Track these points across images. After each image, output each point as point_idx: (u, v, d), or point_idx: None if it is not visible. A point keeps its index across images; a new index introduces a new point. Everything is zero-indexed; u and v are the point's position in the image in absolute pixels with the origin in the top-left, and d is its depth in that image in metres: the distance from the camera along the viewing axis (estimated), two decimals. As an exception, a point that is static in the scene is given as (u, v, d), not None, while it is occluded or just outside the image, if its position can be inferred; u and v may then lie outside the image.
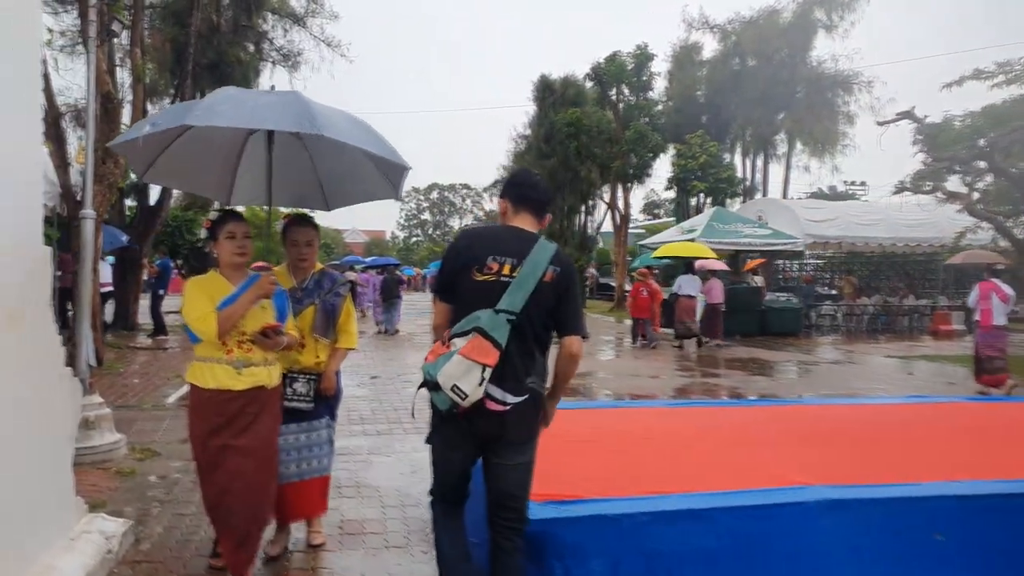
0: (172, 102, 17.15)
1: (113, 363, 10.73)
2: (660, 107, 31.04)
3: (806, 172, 29.78)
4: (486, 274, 2.79)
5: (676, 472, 3.83)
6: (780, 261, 24.48)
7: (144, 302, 16.52)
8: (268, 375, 3.51)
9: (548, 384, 3.01)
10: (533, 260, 2.79)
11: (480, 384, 2.66)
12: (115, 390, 8.89)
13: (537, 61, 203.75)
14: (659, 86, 31.52)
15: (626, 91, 29.66)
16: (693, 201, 28.19)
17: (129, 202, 18.18)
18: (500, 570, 2.90)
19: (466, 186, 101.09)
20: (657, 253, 19.51)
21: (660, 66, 31.14)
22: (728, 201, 27.70)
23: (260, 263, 4.29)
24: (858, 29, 32.62)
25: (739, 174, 29.34)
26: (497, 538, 2.90)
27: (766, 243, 19.56)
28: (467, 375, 2.65)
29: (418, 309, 29.70)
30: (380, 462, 5.99)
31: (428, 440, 3.04)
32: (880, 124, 18.14)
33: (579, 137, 29.86)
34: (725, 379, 11.37)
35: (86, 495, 4.21)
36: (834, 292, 23.55)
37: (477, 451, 2.92)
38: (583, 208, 37.33)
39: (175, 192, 17.82)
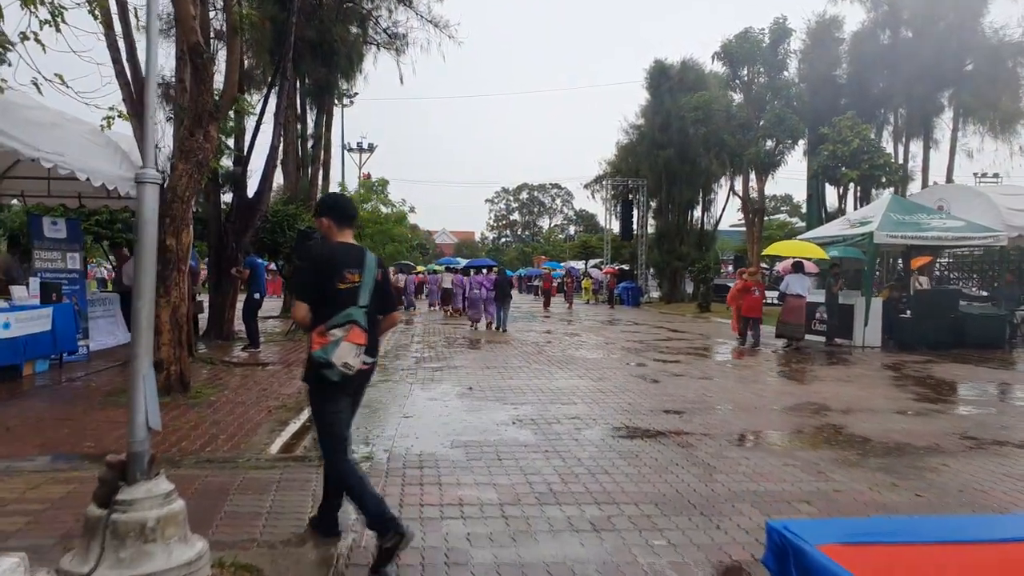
0: (269, 85, 15.30)
1: (202, 387, 8.70)
2: (793, 89, 27.63)
3: (968, 158, 25.65)
4: (347, 283, 3.83)
5: None
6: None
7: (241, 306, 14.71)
8: None
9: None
10: (368, 268, 3.93)
11: (358, 357, 3.77)
12: (202, 433, 6.76)
13: (649, 47, 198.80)
14: (790, 67, 28.18)
15: (760, 70, 26.42)
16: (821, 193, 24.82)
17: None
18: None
19: (556, 185, 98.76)
20: (767, 251, 19.19)
21: (792, 44, 27.81)
22: (874, 192, 24.18)
23: None
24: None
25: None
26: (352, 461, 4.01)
27: (959, 237, 16.17)
28: (352, 354, 3.72)
29: (524, 312, 27.74)
30: None
31: (323, 409, 3.94)
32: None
33: (708, 123, 26.83)
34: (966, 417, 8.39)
35: None
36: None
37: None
38: (700, 202, 34.15)
39: (276, 183, 16.01)
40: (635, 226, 38.06)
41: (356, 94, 45.72)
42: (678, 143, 31.42)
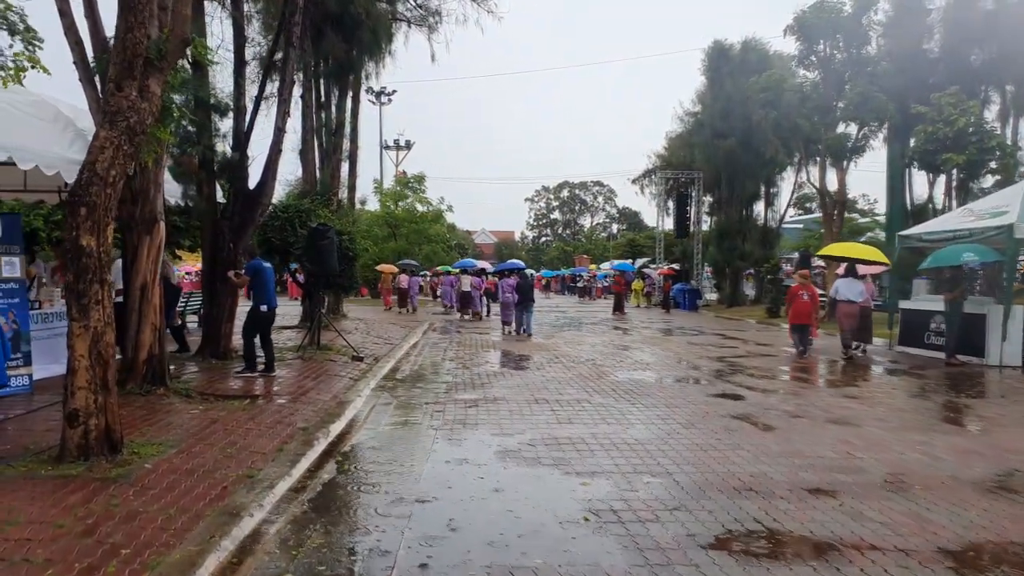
0: (270, 52, 12.83)
1: (143, 445, 6.18)
2: (878, 66, 24.34)
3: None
4: None
5: None
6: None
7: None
8: None
9: None
10: None
11: None
12: (99, 542, 4.25)
13: (697, 32, 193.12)
14: (872, 42, 24.87)
15: (839, 44, 23.22)
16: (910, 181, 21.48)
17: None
18: None
19: (598, 183, 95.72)
20: (821, 252, 18.19)
21: (874, 16, 24.50)
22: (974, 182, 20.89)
23: None
24: None
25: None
26: None
27: None
28: None
29: (570, 318, 24.89)
30: None
31: None
32: None
33: (777, 106, 23.73)
34: None
35: None
36: None
37: None
38: (764, 196, 31.00)
39: (282, 174, 13.60)
40: (690, 223, 34.98)
41: (394, 91, 43.63)
42: (740, 131, 28.29)
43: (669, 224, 37.77)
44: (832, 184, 25.14)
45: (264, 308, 10.62)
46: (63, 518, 4.53)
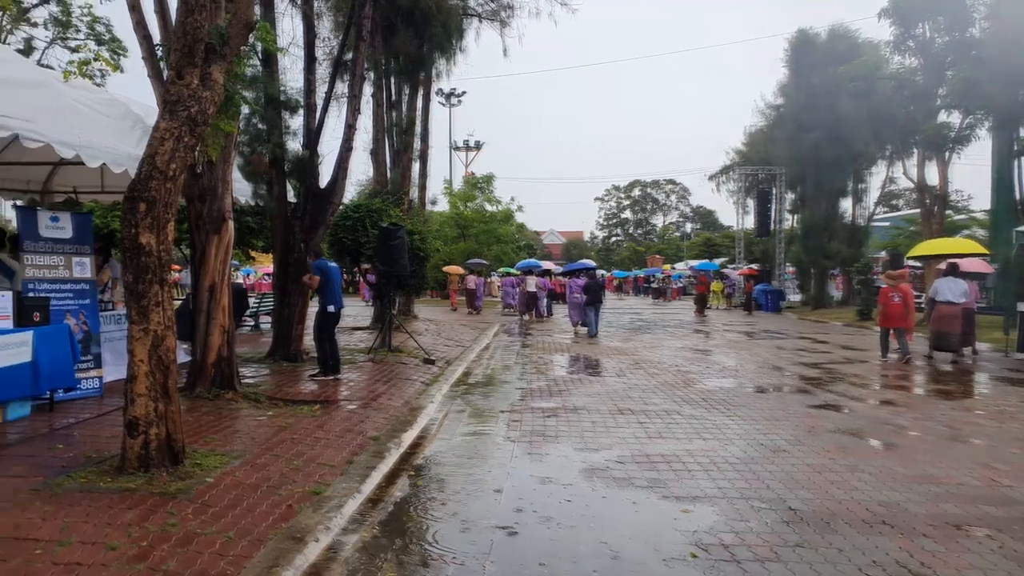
0: (342, 44, 12.53)
1: (206, 456, 5.81)
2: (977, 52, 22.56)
3: None
4: None
5: None
6: None
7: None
8: None
9: None
10: None
11: None
12: (154, 567, 3.83)
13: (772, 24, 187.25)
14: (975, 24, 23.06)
15: (941, 25, 21.60)
16: None
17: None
18: None
19: (671, 181, 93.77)
20: (912, 252, 17.45)
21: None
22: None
23: None
24: None
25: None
26: None
27: None
28: None
29: (647, 320, 24.07)
30: None
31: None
32: None
33: (870, 95, 22.25)
34: None
35: None
36: None
37: None
38: (851, 191, 29.32)
39: (353, 174, 13.30)
40: (771, 220, 33.46)
41: (463, 92, 43.50)
42: (827, 123, 26.75)
43: (748, 222, 36.30)
44: (931, 178, 23.44)
45: (331, 308, 10.31)
46: (117, 539, 4.14)
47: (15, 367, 6.73)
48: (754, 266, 35.19)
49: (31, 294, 7.51)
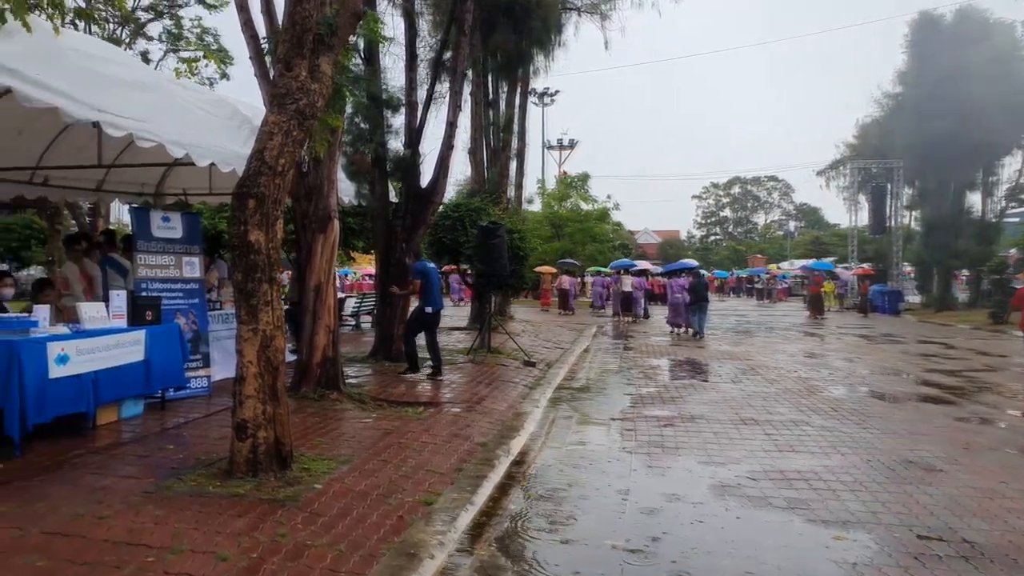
0: (440, 57, 12.32)
1: (313, 460, 5.60)
2: None
3: None
4: None
5: None
6: None
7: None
8: None
9: None
10: None
11: None
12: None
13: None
14: None
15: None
16: None
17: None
18: None
19: (773, 178, 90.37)
20: None
21: None
22: None
23: None
24: None
25: None
26: None
27: None
28: None
29: (753, 322, 23.22)
30: None
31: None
32: None
33: (1008, 79, 20.39)
34: None
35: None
36: None
37: None
38: (981, 185, 27.11)
39: (451, 173, 13.12)
40: (888, 217, 31.39)
41: (557, 91, 43.13)
42: (953, 111, 24.76)
43: (860, 219, 34.23)
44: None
45: (429, 309, 10.11)
46: (227, 548, 3.94)
47: (129, 366, 6.78)
48: (866, 265, 33.14)
49: (143, 293, 7.59)
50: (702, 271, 25.18)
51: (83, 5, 14.41)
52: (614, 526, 4.71)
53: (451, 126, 11.70)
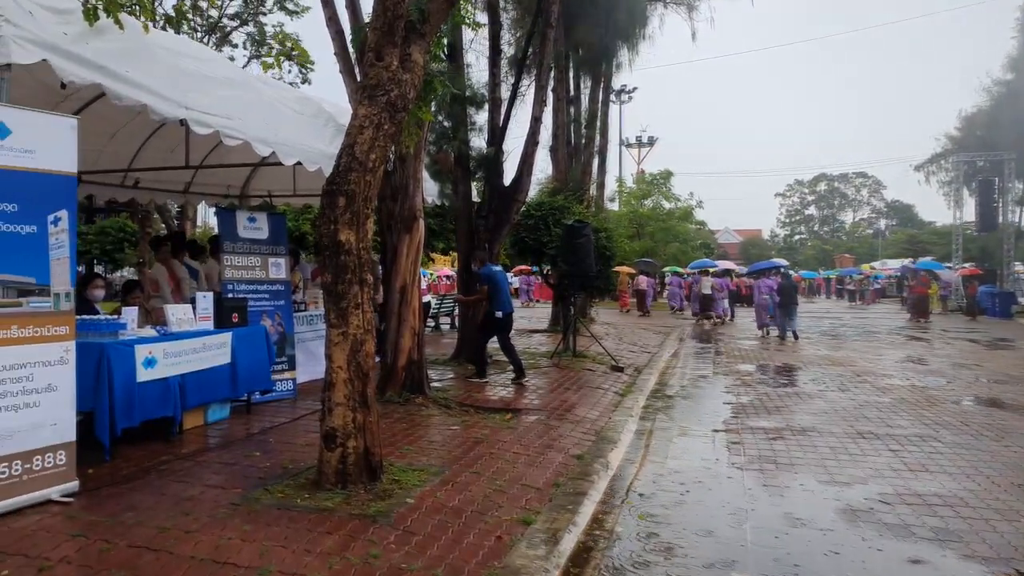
0: (529, 34, 11.94)
1: (402, 470, 5.28)
2: None
3: None
4: None
5: None
6: None
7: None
8: None
9: None
10: None
11: None
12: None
13: None
14: None
15: None
16: None
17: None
18: None
19: (862, 174, 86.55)
20: None
21: None
22: None
23: None
24: None
25: None
26: None
27: None
28: None
29: (849, 325, 21.79)
30: None
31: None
32: None
33: None
34: None
35: None
36: None
37: None
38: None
39: (536, 169, 12.75)
40: (997, 213, 29.28)
41: (634, 88, 42.19)
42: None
43: (962, 215, 32.10)
44: None
45: (499, 314, 9.75)
46: (318, 570, 3.65)
47: (216, 369, 6.65)
48: (969, 265, 31.02)
49: (229, 295, 7.48)
50: (790, 271, 24.05)
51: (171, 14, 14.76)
52: (736, 554, 4.21)
53: (536, 121, 11.33)
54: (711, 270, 27.83)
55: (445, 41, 9.52)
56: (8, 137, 4.30)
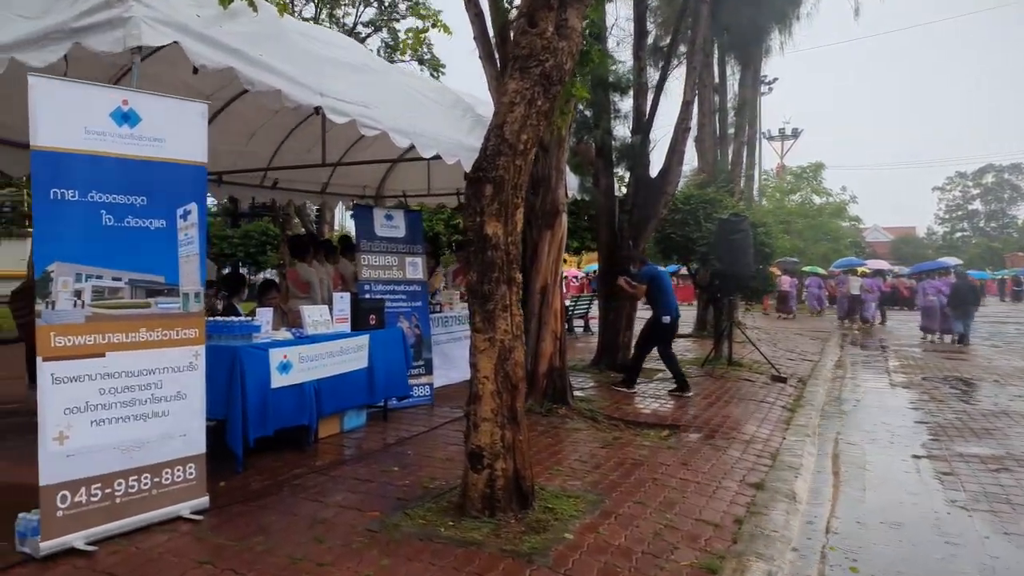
0: (677, 27, 10.96)
1: (554, 496, 4.59)
2: None
3: None
4: None
5: None
6: None
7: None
8: None
9: None
10: None
11: None
12: None
13: None
14: None
15: None
16: None
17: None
18: None
19: (1037, 163, 77.64)
20: None
21: None
22: None
23: None
24: None
25: None
26: None
27: None
28: None
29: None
30: None
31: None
32: None
33: None
34: None
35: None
36: None
37: None
38: None
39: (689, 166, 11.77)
40: None
41: (775, 79, 39.72)
42: None
43: None
44: None
45: (667, 319, 8.79)
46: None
47: (353, 374, 6.25)
48: None
49: (366, 295, 7.10)
50: (966, 272, 21.52)
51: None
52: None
53: (687, 105, 10.37)
54: (860, 269, 25.52)
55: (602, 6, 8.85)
56: (138, 125, 3.97)
